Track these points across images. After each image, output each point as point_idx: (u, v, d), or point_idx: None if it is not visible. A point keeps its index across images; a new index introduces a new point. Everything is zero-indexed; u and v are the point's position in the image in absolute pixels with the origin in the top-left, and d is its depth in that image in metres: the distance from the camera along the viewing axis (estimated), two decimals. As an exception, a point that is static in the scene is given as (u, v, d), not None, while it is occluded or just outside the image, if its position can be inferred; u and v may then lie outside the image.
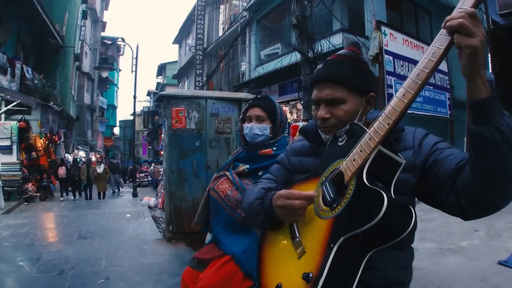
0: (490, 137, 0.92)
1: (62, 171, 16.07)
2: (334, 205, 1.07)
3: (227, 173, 2.17)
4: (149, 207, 10.69)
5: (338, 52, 1.37)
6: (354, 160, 1.06)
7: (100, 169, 16.54)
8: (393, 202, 0.96)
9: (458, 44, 0.91)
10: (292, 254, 1.18)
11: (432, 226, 5.35)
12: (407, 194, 1.21)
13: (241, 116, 2.20)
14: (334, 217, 1.06)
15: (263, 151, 2.07)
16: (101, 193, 16.24)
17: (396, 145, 1.19)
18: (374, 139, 1.02)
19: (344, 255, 1.00)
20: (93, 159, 21.84)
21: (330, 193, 1.11)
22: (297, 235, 1.20)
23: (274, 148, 2.06)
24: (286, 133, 2.20)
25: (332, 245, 1.01)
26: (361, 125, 1.12)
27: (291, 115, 12.46)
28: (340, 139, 1.18)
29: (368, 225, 0.94)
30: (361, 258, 1.00)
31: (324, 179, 1.18)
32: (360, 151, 1.05)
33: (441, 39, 0.96)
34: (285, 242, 1.25)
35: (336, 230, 1.03)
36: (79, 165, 17.46)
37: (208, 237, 2.30)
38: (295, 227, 1.23)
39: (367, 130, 1.05)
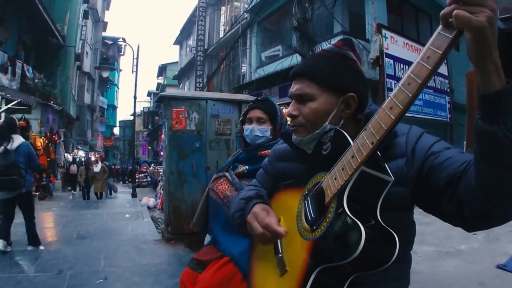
0: (504, 139, 0.76)
1: (73, 167, 17.18)
2: (315, 227, 1.00)
3: (227, 174, 2.18)
4: (148, 207, 10.70)
5: (325, 47, 1.26)
6: (335, 179, 0.96)
7: (97, 168, 15.73)
8: (374, 232, 0.87)
9: (457, 26, 0.76)
10: (276, 271, 1.14)
11: (430, 230, 5.36)
12: (399, 208, 1.10)
13: (241, 118, 2.21)
14: (313, 240, 0.99)
15: (262, 152, 2.08)
16: (98, 193, 15.54)
17: (387, 152, 1.06)
18: (357, 159, 0.90)
19: (323, 281, 0.95)
20: (93, 159, 21.82)
21: (311, 211, 1.04)
22: (280, 251, 1.15)
23: None
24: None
25: (310, 272, 0.96)
26: (346, 134, 1.00)
27: (290, 117, 12.46)
28: (324, 147, 1.07)
29: (343, 262, 0.87)
30: (341, 284, 0.93)
31: (307, 192, 1.10)
32: (342, 169, 0.94)
33: (438, 39, 0.80)
34: (270, 257, 1.20)
35: (315, 256, 0.97)
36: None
37: (207, 238, 2.31)
38: (279, 242, 1.17)
39: (351, 143, 0.94)
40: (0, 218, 5.35)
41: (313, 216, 1.02)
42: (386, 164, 0.95)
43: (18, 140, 5.24)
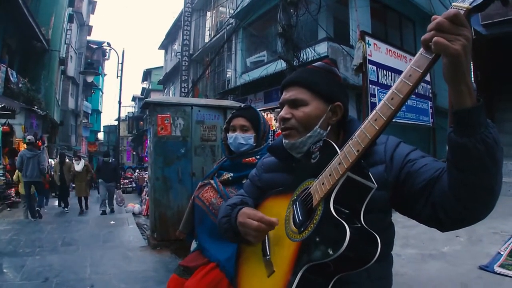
0: (473, 150, 0.86)
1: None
2: (302, 229, 1.06)
3: (212, 181, 2.21)
4: (133, 214, 10.62)
5: (313, 64, 1.38)
6: (323, 183, 1.03)
7: (79, 166, 12.55)
8: (358, 233, 0.92)
9: (435, 52, 0.84)
10: (263, 272, 1.18)
11: (413, 232, 5.42)
12: (380, 211, 1.18)
13: (224, 126, 2.25)
14: (301, 241, 1.05)
15: (246, 159, 2.12)
16: (81, 199, 12.25)
17: (367, 160, 1.13)
18: (343, 165, 0.98)
19: (309, 280, 1.00)
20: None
21: (299, 214, 1.10)
22: (268, 253, 1.20)
23: (258, 157, 2.10)
24: (269, 142, 2.24)
25: (297, 270, 1.00)
26: (333, 144, 1.08)
27: (276, 122, 12.53)
28: (313, 156, 1.15)
29: (329, 259, 0.92)
30: (326, 283, 0.98)
31: (295, 197, 1.16)
32: (329, 175, 1.01)
33: (419, 59, 0.88)
34: (257, 259, 1.24)
35: (302, 256, 1.02)
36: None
37: (194, 244, 2.33)
38: (267, 244, 1.22)
39: (338, 152, 1.02)
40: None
41: (301, 219, 1.09)
42: (370, 173, 1.02)
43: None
